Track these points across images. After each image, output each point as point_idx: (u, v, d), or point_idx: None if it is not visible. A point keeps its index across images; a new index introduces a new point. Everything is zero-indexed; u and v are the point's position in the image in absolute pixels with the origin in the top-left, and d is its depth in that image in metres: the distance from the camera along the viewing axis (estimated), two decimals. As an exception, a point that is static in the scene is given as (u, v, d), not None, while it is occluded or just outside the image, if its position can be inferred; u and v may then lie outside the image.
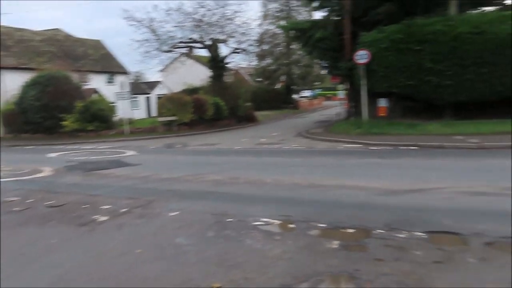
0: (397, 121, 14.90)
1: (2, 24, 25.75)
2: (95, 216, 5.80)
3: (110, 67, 31.00)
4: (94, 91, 25.58)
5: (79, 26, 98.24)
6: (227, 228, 4.85)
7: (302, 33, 19.79)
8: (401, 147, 10.84)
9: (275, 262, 3.77)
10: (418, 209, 5.17)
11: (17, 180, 9.35)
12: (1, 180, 9.42)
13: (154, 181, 8.35)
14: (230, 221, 5.14)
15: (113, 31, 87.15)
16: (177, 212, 5.76)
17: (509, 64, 12.96)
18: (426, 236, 4.16)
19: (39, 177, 9.59)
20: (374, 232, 4.38)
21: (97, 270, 3.90)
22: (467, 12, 15.67)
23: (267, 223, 4.97)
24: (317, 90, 59.03)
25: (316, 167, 9.07)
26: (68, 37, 30.82)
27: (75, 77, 22.96)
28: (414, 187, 6.28)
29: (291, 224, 4.87)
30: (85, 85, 24.28)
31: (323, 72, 41.55)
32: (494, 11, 16.18)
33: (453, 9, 14.17)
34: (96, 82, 27.24)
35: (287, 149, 12.58)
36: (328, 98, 54.71)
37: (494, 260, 3.52)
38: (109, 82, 29.63)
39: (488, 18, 13.64)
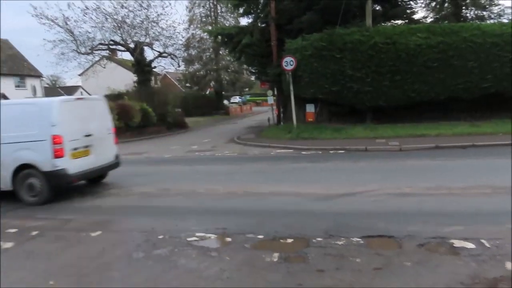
0: (325, 125, 15.46)
1: None
2: (-3, 243, 4.94)
3: (20, 69, 27.91)
4: (3, 96, 22.77)
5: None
6: (158, 247, 4.41)
7: (229, 38, 19.71)
8: (330, 151, 11.18)
9: (213, 283, 3.46)
10: (352, 214, 5.22)
11: None
12: None
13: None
14: (161, 238, 4.70)
15: (25, 30, 79.00)
16: (99, 232, 5.13)
17: (418, 72, 14.23)
18: (363, 242, 4.17)
19: None
20: (313, 240, 4.29)
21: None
22: (381, 24, 16.95)
23: (202, 238, 4.62)
24: (247, 96, 59.72)
25: (250, 173, 8.91)
26: (-34, 35, 27.18)
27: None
28: (346, 191, 6.40)
29: (228, 237, 4.59)
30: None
31: (252, 78, 42.15)
32: (403, 24, 17.75)
33: (368, 20, 15.14)
34: (4, 86, 24.28)
35: (220, 156, 12.28)
36: (258, 104, 55.56)
37: (428, 261, 3.61)
38: (19, 86, 26.63)
39: (399, 30, 14.83)
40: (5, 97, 22.68)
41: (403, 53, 14.17)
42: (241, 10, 21.10)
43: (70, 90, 39.14)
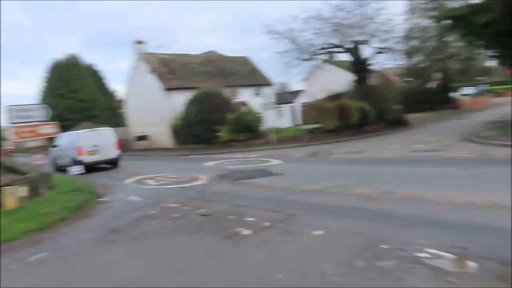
0: None
1: (172, 52, 30.47)
2: (239, 229, 5.74)
3: (257, 80, 32.95)
4: (243, 103, 27.49)
5: (229, 46, 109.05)
6: (381, 258, 4.03)
7: (460, 20, 16.87)
8: None
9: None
10: None
11: (178, 187, 10.38)
12: (166, 187, 10.65)
13: (297, 193, 8.01)
14: (385, 248, 4.29)
15: (257, 47, 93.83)
16: (321, 231, 5.19)
17: None
18: None
19: (196, 185, 10.44)
20: None
21: (237, 294, 3.66)
22: None
23: (436, 256, 3.92)
24: (483, 85, 50.31)
25: (495, 180, 7.22)
26: (220, 57, 34.22)
27: (226, 92, 25.13)
28: None
29: (470, 261, 3.72)
30: (235, 98, 26.33)
31: (490, 63, 35.10)
32: None
33: None
34: (244, 95, 29.27)
35: (452, 157, 10.62)
36: (498, 94, 45.95)
37: None
38: (256, 94, 31.48)
39: None
40: (245, 104, 27.26)
41: None
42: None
43: (295, 94, 43.33)
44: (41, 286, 4.46)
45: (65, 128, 38.05)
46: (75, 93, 42.20)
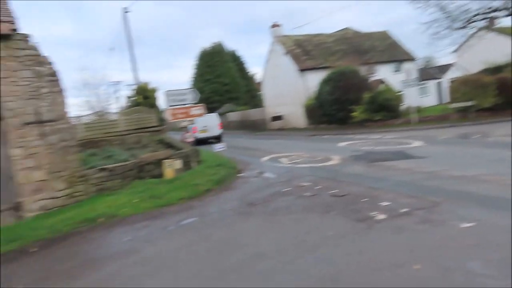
0: None
1: (305, 33, 30.47)
2: (373, 213, 5.48)
3: (397, 55, 30.32)
4: (381, 81, 25.75)
5: (367, 22, 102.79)
6: (553, 263, 3.29)
7: None
8: None
9: None
10: None
11: (310, 166, 10.49)
12: (299, 165, 10.89)
13: (442, 179, 7.17)
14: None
15: (399, 20, 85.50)
16: (471, 224, 4.54)
17: None
18: None
19: (328, 165, 10.37)
20: None
21: (366, 279, 3.51)
22: None
23: None
24: None
25: None
26: (356, 33, 32.50)
27: (362, 70, 23.91)
28: None
29: None
30: (372, 76, 24.86)
31: None
32: None
33: None
34: (383, 73, 27.34)
35: None
36: None
37: None
38: (395, 71, 29.08)
39: None
40: (382, 82, 25.47)
41: None
42: None
43: (443, 69, 38.43)
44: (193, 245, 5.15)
45: (210, 110, 42.49)
46: (220, 77, 46.52)
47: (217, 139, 21.76)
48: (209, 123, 21.91)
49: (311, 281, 3.61)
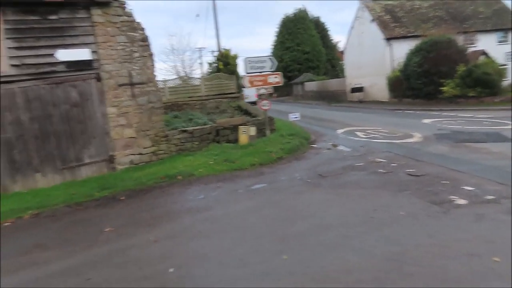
0: None
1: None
2: (452, 197, 5.10)
3: (505, 23, 26.45)
4: (482, 53, 22.90)
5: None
6: None
7: None
8: None
9: None
10: None
11: (388, 142, 9.98)
12: (375, 141, 10.43)
13: (542, 167, 6.32)
14: None
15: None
16: None
17: None
18: None
19: (408, 142, 9.76)
20: None
21: (434, 266, 3.33)
22: None
23: None
24: None
25: None
26: (457, -3, 28.98)
27: (459, 40, 21.42)
28: None
29: None
30: (471, 47, 22.21)
31: None
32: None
33: None
34: (485, 43, 24.23)
35: None
36: None
37: None
38: (501, 41, 25.55)
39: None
40: (485, 54, 22.62)
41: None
42: None
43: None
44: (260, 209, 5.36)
45: (288, 78, 42.05)
46: (300, 45, 45.55)
47: (254, 103, 23.45)
48: (250, 92, 23.94)
49: (374, 260, 3.54)
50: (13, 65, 7.66)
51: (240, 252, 4.02)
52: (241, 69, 29.29)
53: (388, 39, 25.03)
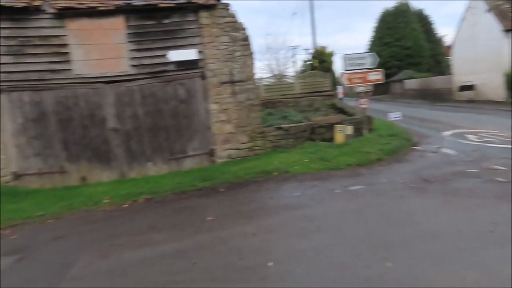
0: None
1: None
2: None
3: None
4: None
5: None
6: None
7: None
8: None
9: None
10: None
11: (507, 147, 8.78)
12: (491, 145, 9.26)
13: None
14: None
15: None
16: None
17: None
18: None
19: (532, 148, 8.46)
20: None
21: None
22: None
23: None
24: None
25: None
26: None
27: None
28: None
29: None
30: None
31: None
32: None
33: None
34: None
35: None
36: None
37: None
38: None
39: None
40: None
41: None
42: None
43: None
44: (360, 211, 5.16)
45: (387, 76, 39.84)
46: (400, 40, 42.65)
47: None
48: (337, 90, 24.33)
49: (498, 280, 3.13)
50: (132, 65, 8.62)
51: (340, 254, 3.92)
52: (337, 67, 28.58)
53: (507, 30, 21.97)
